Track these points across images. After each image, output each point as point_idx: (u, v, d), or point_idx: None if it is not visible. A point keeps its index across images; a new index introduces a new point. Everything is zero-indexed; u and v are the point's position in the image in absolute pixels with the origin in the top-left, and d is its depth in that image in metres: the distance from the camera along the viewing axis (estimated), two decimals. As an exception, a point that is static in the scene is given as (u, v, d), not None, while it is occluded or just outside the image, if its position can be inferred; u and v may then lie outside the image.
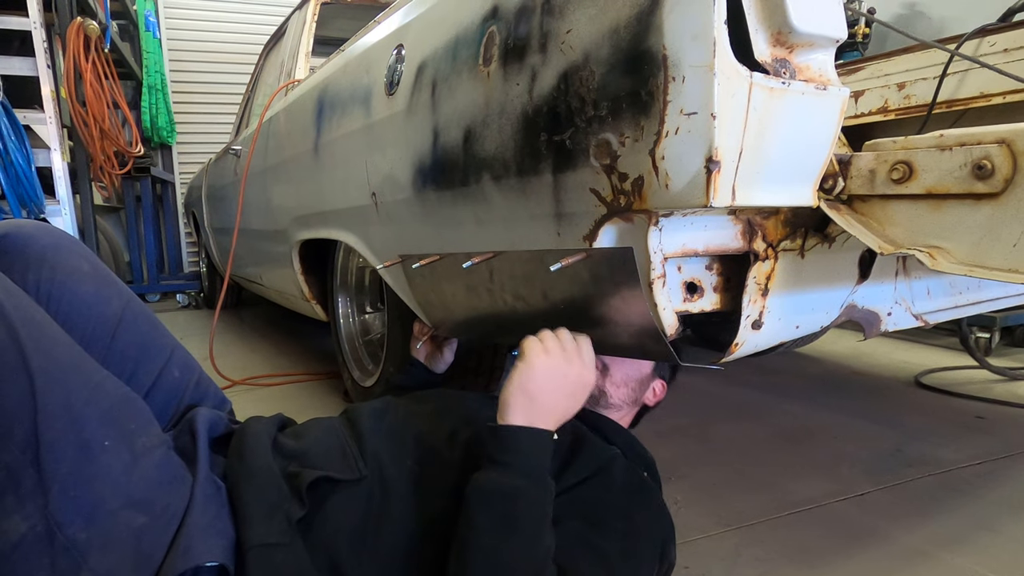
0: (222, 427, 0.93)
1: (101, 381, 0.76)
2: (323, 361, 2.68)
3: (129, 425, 0.76)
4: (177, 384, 0.97)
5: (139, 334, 0.92)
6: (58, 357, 0.72)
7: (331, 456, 0.89)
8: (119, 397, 0.78)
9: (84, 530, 0.68)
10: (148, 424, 0.80)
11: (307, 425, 1.01)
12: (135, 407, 0.80)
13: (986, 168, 0.68)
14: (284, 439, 0.93)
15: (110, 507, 0.69)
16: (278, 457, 0.88)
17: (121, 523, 0.70)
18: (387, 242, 1.40)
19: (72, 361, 0.74)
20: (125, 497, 0.71)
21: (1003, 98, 1.66)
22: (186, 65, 5.32)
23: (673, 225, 0.80)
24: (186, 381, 0.98)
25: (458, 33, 1.04)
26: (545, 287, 0.92)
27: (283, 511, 0.79)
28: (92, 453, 0.70)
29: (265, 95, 2.53)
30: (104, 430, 0.72)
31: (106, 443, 0.71)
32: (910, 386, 2.25)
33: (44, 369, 0.69)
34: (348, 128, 1.45)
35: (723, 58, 0.65)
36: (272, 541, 0.76)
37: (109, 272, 0.93)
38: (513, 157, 0.92)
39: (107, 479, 0.70)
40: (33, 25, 2.68)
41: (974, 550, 1.18)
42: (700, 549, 1.19)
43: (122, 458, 0.72)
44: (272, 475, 0.83)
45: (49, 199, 2.79)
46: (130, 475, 0.72)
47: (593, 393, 1.07)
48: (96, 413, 0.72)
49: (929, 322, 1.14)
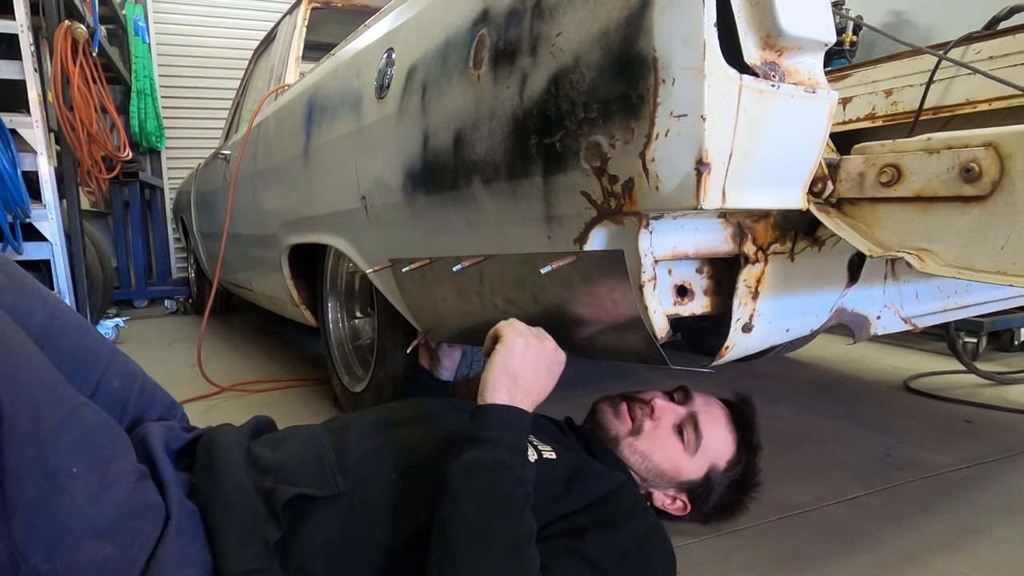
0: (178, 441, 0.90)
1: (76, 408, 0.74)
2: (312, 367, 2.66)
3: (103, 452, 0.74)
4: (118, 394, 0.93)
5: (70, 345, 0.88)
6: (29, 383, 0.71)
7: (308, 470, 0.86)
8: (94, 424, 0.76)
9: (47, 560, 0.66)
10: (124, 452, 0.77)
11: (285, 434, 0.98)
12: (111, 435, 0.77)
13: (974, 171, 0.68)
14: (259, 450, 0.91)
15: (75, 536, 0.67)
16: (252, 471, 0.85)
17: (86, 553, 0.67)
18: (377, 246, 1.39)
19: (45, 387, 0.72)
20: (90, 526, 0.68)
21: (988, 104, 1.68)
22: (175, 70, 5.29)
23: (664, 228, 0.80)
24: (128, 391, 0.94)
25: (448, 37, 1.04)
26: (536, 290, 0.92)
27: (259, 534, 0.77)
28: (58, 480, 0.68)
29: (255, 100, 2.52)
30: (73, 457, 0.70)
31: (74, 470, 0.69)
32: (899, 390, 2.27)
33: (12, 395, 0.68)
34: (338, 132, 1.45)
35: (713, 61, 0.66)
36: (249, 568, 0.74)
37: (32, 282, 0.89)
38: (503, 160, 0.92)
39: (72, 508, 0.68)
40: (20, 28, 2.65)
41: (964, 553, 1.19)
42: (691, 554, 1.18)
43: (89, 486, 0.70)
44: (246, 494, 0.80)
45: (35, 203, 2.76)
46: (97, 504, 0.70)
47: (611, 435, 1.07)
48: (66, 440, 0.70)
49: (918, 326, 1.14)
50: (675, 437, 1.05)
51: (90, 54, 3.07)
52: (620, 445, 1.06)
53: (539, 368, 0.86)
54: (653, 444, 1.05)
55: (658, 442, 1.05)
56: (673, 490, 1.07)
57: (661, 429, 1.06)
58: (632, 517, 0.89)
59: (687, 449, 1.04)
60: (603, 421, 1.09)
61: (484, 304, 1.04)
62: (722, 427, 1.08)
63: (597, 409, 1.12)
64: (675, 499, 1.07)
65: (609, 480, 0.93)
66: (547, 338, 0.89)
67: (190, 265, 4.52)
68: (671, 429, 1.06)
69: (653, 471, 1.05)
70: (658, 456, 1.05)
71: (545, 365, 0.87)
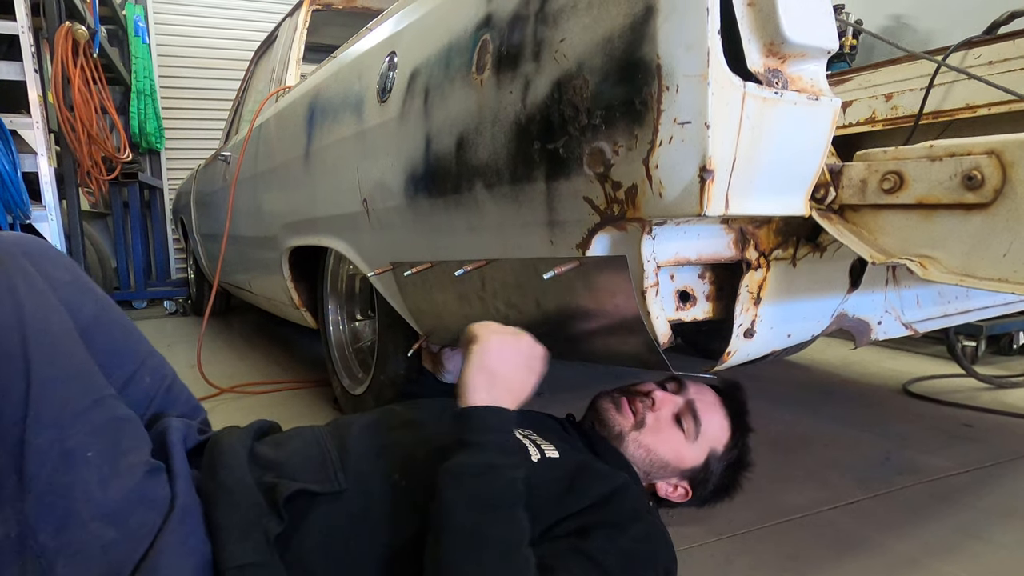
0: (192, 440, 0.93)
1: (104, 398, 0.78)
2: (312, 369, 2.66)
3: (120, 443, 0.77)
4: (147, 390, 0.97)
5: (112, 340, 0.94)
6: (63, 368, 0.75)
7: (310, 467, 0.87)
8: (117, 416, 0.79)
9: (54, 538, 0.69)
10: (141, 446, 0.80)
11: (289, 434, 0.99)
12: (131, 428, 0.81)
13: (976, 179, 0.68)
14: (262, 449, 0.92)
15: (82, 518, 0.70)
16: (255, 468, 0.86)
17: (91, 535, 0.70)
18: (378, 249, 1.39)
19: (77, 373, 0.77)
20: (98, 509, 0.71)
21: (988, 109, 1.68)
22: (175, 71, 5.29)
23: (666, 234, 0.80)
24: (156, 388, 0.99)
25: (451, 41, 1.04)
26: (538, 295, 0.92)
27: (260, 527, 0.78)
28: (73, 462, 0.71)
29: (255, 101, 2.52)
30: (91, 442, 0.73)
31: (89, 454, 0.73)
32: (899, 394, 2.27)
33: (44, 378, 0.73)
34: (339, 135, 1.45)
35: (717, 68, 0.66)
36: (248, 561, 0.75)
37: (89, 282, 0.95)
38: (506, 165, 0.92)
39: (83, 490, 0.71)
40: (21, 29, 2.65)
41: (964, 558, 1.19)
42: (692, 558, 1.18)
43: (102, 471, 0.73)
44: (249, 489, 0.82)
45: (35, 204, 2.76)
46: (106, 489, 0.73)
47: (614, 431, 1.07)
48: (88, 426, 0.74)
49: (919, 331, 1.15)
50: (675, 427, 1.07)
51: (90, 55, 3.07)
52: (624, 441, 1.07)
53: (518, 363, 0.85)
54: (656, 436, 1.06)
55: (661, 434, 1.07)
56: (675, 479, 1.09)
57: (662, 420, 1.08)
58: (636, 518, 0.89)
59: (688, 437, 1.07)
60: (606, 417, 1.09)
61: (486, 308, 1.04)
62: (718, 413, 1.10)
63: (598, 406, 1.12)
64: (676, 487, 1.09)
65: (613, 479, 0.93)
66: (522, 333, 0.88)
67: (189, 266, 4.52)
68: (671, 419, 1.08)
69: (657, 463, 1.07)
70: (662, 448, 1.06)
71: (523, 360, 0.86)
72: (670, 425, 1.07)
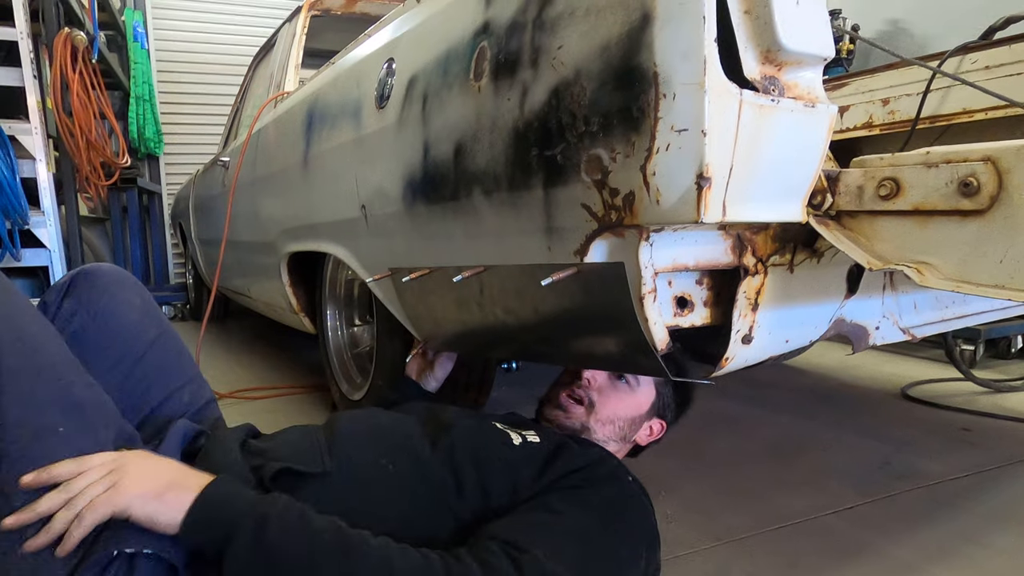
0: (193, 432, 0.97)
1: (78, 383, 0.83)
2: (311, 374, 2.65)
3: (96, 422, 0.82)
4: (183, 406, 1.06)
5: (165, 359, 1.06)
6: (35, 359, 0.81)
7: (298, 451, 0.90)
8: (94, 400, 0.84)
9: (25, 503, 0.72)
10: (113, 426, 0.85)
11: (282, 430, 1.02)
12: (108, 412, 0.86)
13: (972, 185, 0.69)
14: (254, 442, 0.96)
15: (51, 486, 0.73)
16: (246, 455, 0.90)
17: None
18: (377, 255, 1.39)
19: (51, 362, 0.83)
20: None
21: (985, 114, 1.69)
22: (174, 76, 5.29)
23: (664, 240, 0.80)
24: (191, 405, 1.07)
25: (449, 47, 1.04)
26: (536, 302, 0.92)
27: None
28: (44, 435, 0.76)
29: (254, 107, 2.53)
30: (63, 418, 0.78)
31: (60, 429, 0.77)
32: (897, 398, 2.27)
33: (15, 367, 0.78)
34: (338, 141, 1.45)
35: (713, 76, 0.66)
36: None
37: (158, 310, 1.11)
38: (504, 171, 0.92)
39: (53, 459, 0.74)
40: (19, 35, 2.65)
41: (963, 563, 1.19)
42: (690, 564, 1.18)
43: (74, 444, 0.77)
44: (238, 466, 0.85)
45: (34, 210, 2.76)
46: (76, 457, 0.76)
47: (576, 427, 1.08)
48: (60, 405, 0.79)
49: (916, 336, 1.15)
50: (617, 386, 1.10)
51: (89, 60, 3.07)
52: (590, 430, 1.08)
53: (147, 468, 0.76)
54: (610, 406, 1.09)
55: (611, 400, 1.10)
56: (646, 422, 1.13)
57: (605, 390, 1.10)
58: (610, 482, 0.92)
59: (631, 386, 1.11)
60: (562, 423, 1.09)
61: (484, 314, 1.04)
62: None
63: (549, 417, 1.12)
64: (650, 427, 1.13)
65: (590, 454, 0.97)
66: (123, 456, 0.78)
67: (188, 271, 4.51)
68: (609, 383, 1.11)
69: (627, 424, 1.10)
70: (621, 410, 1.10)
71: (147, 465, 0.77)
72: (613, 389, 1.10)
